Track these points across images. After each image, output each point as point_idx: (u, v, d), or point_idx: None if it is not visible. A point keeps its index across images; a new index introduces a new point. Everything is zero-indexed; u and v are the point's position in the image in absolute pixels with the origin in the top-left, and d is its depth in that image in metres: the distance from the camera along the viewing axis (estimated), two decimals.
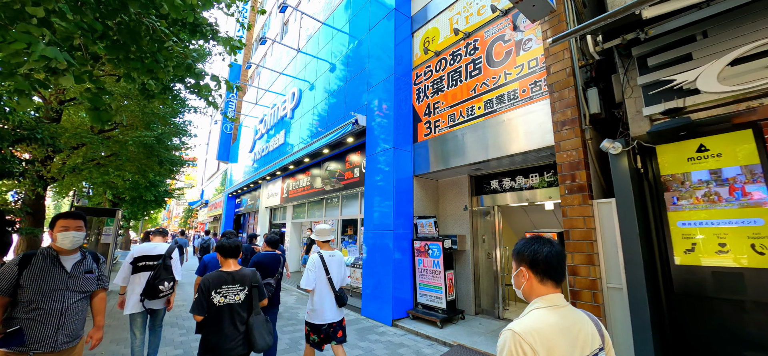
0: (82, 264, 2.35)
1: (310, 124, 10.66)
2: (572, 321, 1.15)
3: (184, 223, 41.61)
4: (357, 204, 9.06)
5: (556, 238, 3.86)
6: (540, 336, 1.06)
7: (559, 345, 1.07)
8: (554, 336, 1.08)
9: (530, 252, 1.23)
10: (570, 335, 1.11)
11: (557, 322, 1.12)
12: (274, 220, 15.02)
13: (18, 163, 4.14)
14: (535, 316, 1.14)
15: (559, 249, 1.23)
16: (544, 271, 1.19)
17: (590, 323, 1.21)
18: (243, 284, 2.55)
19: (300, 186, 11.75)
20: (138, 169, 6.80)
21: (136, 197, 12.76)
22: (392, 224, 6.07)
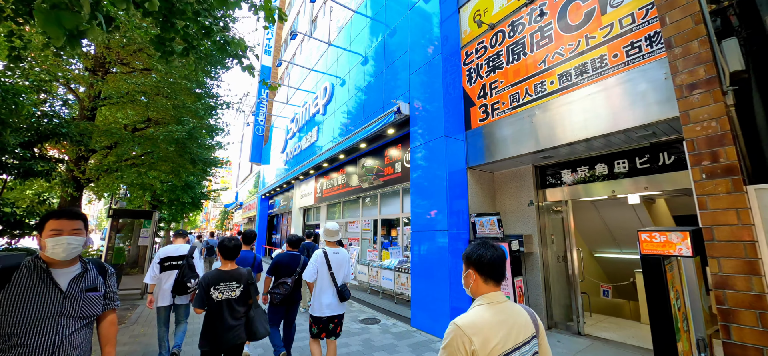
0: (83, 280, 1.74)
1: (343, 120, 10.08)
2: (507, 315, 1.35)
3: (220, 225, 42.94)
4: (398, 201, 8.34)
5: (688, 237, 2.90)
6: (477, 329, 1.26)
7: (494, 335, 1.27)
8: (489, 329, 1.28)
9: (477, 256, 1.42)
10: (505, 326, 1.31)
11: (493, 317, 1.31)
12: (308, 221, 14.65)
13: (41, 161, 3.78)
14: (476, 312, 1.35)
15: (500, 254, 1.42)
16: (488, 273, 1.39)
17: (525, 315, 1.41)
18: (239, 281, 2.84)
19: (334, 185, 11.21)
20: (172, 168, 6.47)
21: (173, 199, 12.80)
22: (446, 223, 5.28)
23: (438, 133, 5.71)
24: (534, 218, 5.49)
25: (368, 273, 8.18)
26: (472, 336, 1.23)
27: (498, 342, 1.24)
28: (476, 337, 1.23)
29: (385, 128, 7.33)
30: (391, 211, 8.68)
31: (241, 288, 2.82)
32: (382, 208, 9.05)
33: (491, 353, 1.23)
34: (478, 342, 1.22)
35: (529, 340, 1.34)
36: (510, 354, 1.27)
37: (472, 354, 1.22)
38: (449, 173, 5.48)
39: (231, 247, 2.87)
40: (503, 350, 1.25)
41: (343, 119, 10.03)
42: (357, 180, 9.65)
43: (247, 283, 2.87)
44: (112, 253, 7.72)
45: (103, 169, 5.55)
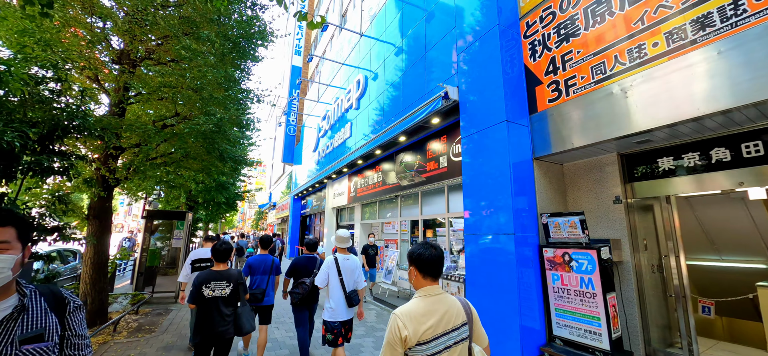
0: (19, 323, 1.09)
1: (378, 113, 9.36)
2: (440, 305, 1.54)
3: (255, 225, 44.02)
4: (442, 200, 7.49)
5: None
6: (410, 318, 1.47)
7: (425, 321, 1.47)
8: (421, 317, 1.48)
9: (417, 255, 1.63)
10: (436, 314, 1.51)
11: (427, 306, 1.52)
12: (341, 221, 14.13)
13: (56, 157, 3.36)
14: (412, 302, 1.57)
15: (438, 254, 1.63)
16: (426, 270, 1.61)
17: (458, 305, 1.61)
18: (229, 281, 3.07)
19: (369, 184, 10.54)
20: (201, 167, 6.06)
21: (208, 200, 12.74)
22: (511, 225, 4.37)
23: (497, 118, 4.81)
24: (622, 218, 4.44)
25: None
26: (406, 322, 1.46)
27: (429, 328, 1.47)
28: (409, 324, 1.45)
29: (429, 117, 6.51)
30: (435, 211, 7.84)
31: (231, 287, 3.08)
32: (424, 207, 8.24)
33: (422, 337, 1.45)
34: (411, 328, 1.45)
35: (459, 326, 1.55)
36: (440, 338, 1.48)
37: (404, 339, 1.44)
38: (514, 165, 4.57)
39: (222, 250, 3.15)
40: (434, 334, 1.47)
41: (378, 113, 9.32)
42: (395, 178, 8.90)
43: (237, 283, 3.13)
44: (146, 256, 7.51)
45: (131, 168, 5.19)
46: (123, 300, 6.58)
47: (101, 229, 5.41)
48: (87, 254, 5.32)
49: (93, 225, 5.35)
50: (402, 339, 1.42)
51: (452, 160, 6.65)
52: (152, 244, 7.86)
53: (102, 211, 5.42)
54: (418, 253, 1.63)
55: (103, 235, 5.43)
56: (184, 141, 4.93)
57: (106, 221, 5.46)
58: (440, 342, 1.46)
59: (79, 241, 3.48)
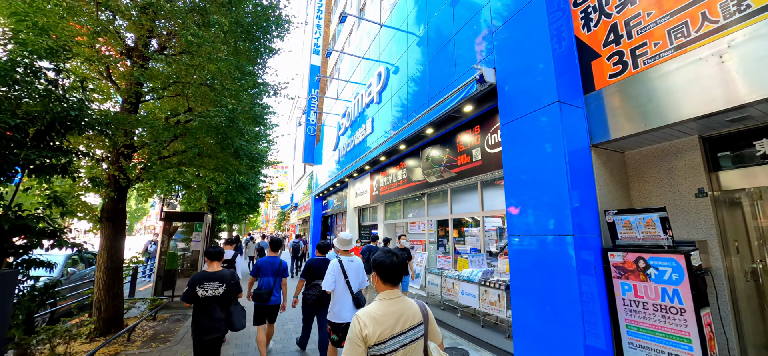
0: None
1: (402, 106, 8.77)
2: (398, 307, 1.68)
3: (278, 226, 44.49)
4: (475, 197, 6.82)
5: None
6: (370, 319, 1.60)
7: (384, 322, 1.61)
8: (380, 317, 1.62)
9: (379, 263, 1.77)
10: (394, 316, 1.65)
11: (386, 308, 1.66)
12: (364, 222, 13.64)
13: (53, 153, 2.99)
14: (373, 305, 1.69)
15: (398, 262, 1.78)
16: (386, 276, 1.75)
17: (415, 307, 1.75)
18: (222, 281, 3.28)
19: (393, 182, 9.97)
20: (216, 165, 5.69)
21: (229, 201, 12.58)
22: (570, 225, 3.68)
23: (546, 99, 4.12)
24: (708, 215, 3.64)
25: (441, 286, 6.75)
26: (367, 322, 1.59)
27: (386, 328, 1.60)
28: (369, 324, 1.58)
29: (460, 105, 5.86)
30: (466, 209, 7.17)
31: (224, 287, 3.24)
32: (454, 206, 7.58)
33: (380, 336, 1.58)
34: (370, 328, 1.57)
35: (415, 326, 1.69)
36: (397, 336, 1.61)
37: (365, 337, 1.56)
38: (568, 154, 3.86)
39: (213, 252, 3.36)
40: (391, 334, 1.60)
41: (401, 106, 8.73)
42: (421, 174, 8.28)
43: (229, 283, 3.29)
44: (165, 259, 7.27)
45: (141, 168, 4.86)
46: (141, 305, 6.34)
47: (115, 232, 5.12)
48: (100, 258, 5.05)
49: (106, 227, 5.08)
50: (363, 338, 1.56)
51: (487, 152, 5.96)
52: (173, 247, 7.64)
53: (115, 213, 5.13)
54: (380, 261, 1.78)
55: (116, 238, 5.14)
56: (195, 137, 4.54)
57: (119, 223, 5.17)
58: (397, 341, 1.61)
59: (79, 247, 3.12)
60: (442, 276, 6.81)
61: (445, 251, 7.94)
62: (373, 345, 1.56)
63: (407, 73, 8.54)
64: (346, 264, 3.69)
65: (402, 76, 8.87)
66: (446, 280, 6.62)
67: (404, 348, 1.61)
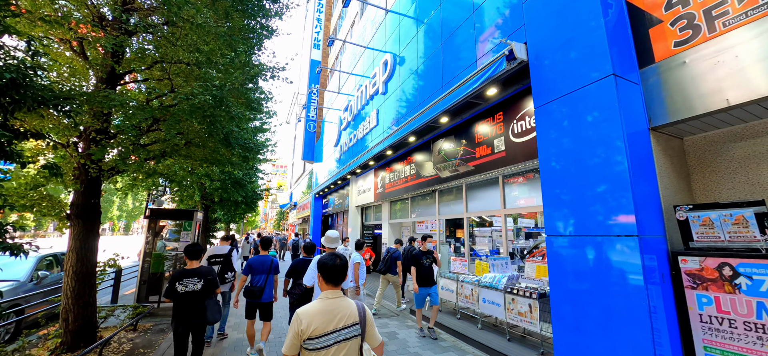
0: None
1: (410, 96, 8.09)
2: (335, 306, 1.80)
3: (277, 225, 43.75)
4: (496, 193, 6.14)
5: None
6: (306, 315, 1.73)
7: (319, 319, 1.73)
8: (315, 315, 1.74)
9: (322, 264, 1.89)
10: (328, 315, 1.76)
11: (323, 307, 1.78)
12: (367, 221, 12.94)
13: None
14: (313, 303, 1.81)
15: (339, 265, 1.88)
16: (328, 277, 1.87)
17: (353, 308, 1.85)
18: (200, 277, 3.50)
19: (400, 178, 9.28)
20: (205, 155, 4.99)
21: (225, 199, 11.86)
22: (634, 223, 2.99)
23: (597, 73, 3.43)
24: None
25: (457, 292, 6.07)
26: (303, 318, 1.72)
27: (321, 325, 1.72)
28: (305, 320, 1.72)
29: (482, 88, 5.18)
30: (484, 206, 6.48)
31: (203, 283, 3.50)
32: (470, 203, 6.89)
33: (315, 331, 1.70)
34: (305, 323, 1.70)
35: (349, 325, 1.78)
36: (330, 334, 1.72)
37: (301, 332, 1.70)
38: (628, 137, 3.18)
39: (192, 250, 3.60)
40: (325, 330, 1.72)
41: (410, 96, 8.04)
42: (432, 169, 7.60)
43: (207, 279, 3.55)
44: (149, 261, 6.56)
45: (120, 157, 4.14)
46: (121, 313, 5.64)
47: (86, 231, 4.42)
48: (68, 261, 4.35)
49: (76, 226, 4.37)
50: (299, 333, 1.70)
51: (512, 142, 5.28)
52: (160, 248, 6.93)
53: (86, 209, 4.43)
54: (323, 263, 1.90)
55: (88, 238, 4.44)
56: (177, 120, 3.83)
57: (91, 221, 4.47)
58: (330, 338, 1.72)
59: (16, 249, 2.43)
60: (458, 282, 6.13)
61: (460, 253, 7.26)
62: (308, 339, 1.69)
63: (417, 58, 7.85)
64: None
65: (411, 63, 8.18)
66: (464, 286, 5.93)
67: (337, 344, 1.73)
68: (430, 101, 6.91)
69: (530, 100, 5.05)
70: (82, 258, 4.42)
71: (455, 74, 6.20)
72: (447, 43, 6.60)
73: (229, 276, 5.09)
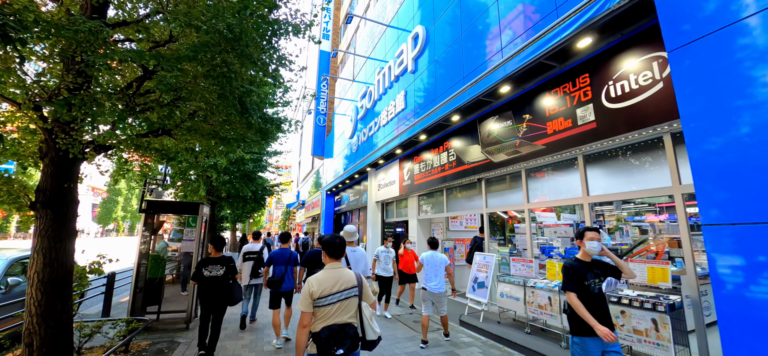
0: None
1: (448, 71, 6.93)
2: (337, 274, 2.33)
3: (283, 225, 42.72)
4: (573, 178, 4.95)
5: None
6: (317, 280, 2.27)
7: (325, 283, 2.26)
8: (323, 280, 2.27)
9: (325, 242, 2.42)
10: (333, 280, 2.29)
11: (328, 275, 2.31)
12: (388, 218, 11.77)
13: None
14: (320, 273, 2.34)
15: (340, 242, 2.43)
16: (330, 252, 2.40)
17: (351, 276, 2.39)
18: (222, 264, 4.12)
19: (433, 167, 8.10)
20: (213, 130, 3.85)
21: (233, 194, 10.75)
22: None
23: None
24: None
25: (525, 300, 4.88)
26: (313, 284, 2.24)
27: (325, 288, 2.23)
28: (315, 285, 2.23)
29: (572, 39, 4.00)
30: (556, 194, 5.28)
31: (224, 269, 4.11)
32: (533, 191, 5.69)
33: (322, 293, 2.21)
34: (315, 287, 2.23)
35: (349, 288, 2.31)
36: (335, 294, 2.24)
37: (312, 294, 2.21)
38: None
39: (218, 240, 4.22)
40: (330, 291, 2.24)
41: (449, 68, 6.88)
42: (478, 154, 6.42)
43: (228, 265, 4.15)
44: (146, 264, 5.42)
45: (80, 114, 2.95)
46: (111, 329, 4.52)
47: (57, 226, 3.30)
48: (33, 266, 3.22)
49: (43, 218, 3.25)
50: (311, 294, 2.22)
51: (606, 109, 4.10)
52: (160, 249, 5.81)
53: (57, 196, 3.29)
54: (325, 240, 2.42)
55: (60, 235, 3.31)
56: (175, 65, 2.66)
57: (64, 213, 3.33)
58: (334, 297, 2.24)
59: None
60: (525, 287, 4.94)
61: (517, 252, 6.07)
62: (317, 299, 2.21)
63: (459, 25, 6.67)
64: (349, 253, 3.98)
65: (450, 31, 7.00)
66: (536, 293, 4.74)
67: (340, 302, 2.25)
68: (481, 71, 5.74)
69: (631, 54, 3.88)
70: (52, 261, 3.28)
71: (517, 34, 5.02)
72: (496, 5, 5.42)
73: (262, 271, 5.52)
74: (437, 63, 7.44)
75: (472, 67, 6.13)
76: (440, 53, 7.36)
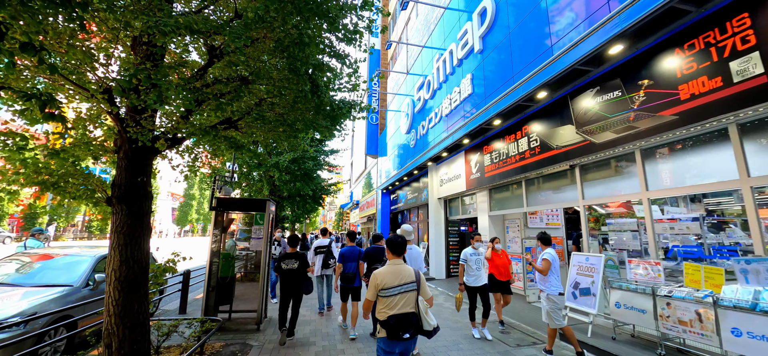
0: None
1: (528, 42, 5.98)
2: (398, 270, 2.62)
3: (337, 226, 43.62)
4: (724, 155, 3.80)
5: None
6: (381, 273, 2.60)
7: (388, 276, 2.57)
8: (387, 274, 2.59)
9: (390, 242, 2.73)
10: (394, 274, 2.59)
11: (390, 270, 2.62)
12: (452, 215, 10.96)
13: None
14: (384, 267, 2.67)
15: (400, 242, 2.72)
16: (393, 250, 2.70)
17: (411, 270, 2.66)
18: (296, 259, 4.70)
19: (510, 155, 7.16)
20: (283, 113, 3.48)
21: (294, 194, 10.76)
22: None
23: None
24: None
25: (658, 314, 3.83)
26: (378, 276, 2.59)
27: (388, 281, 2.56)
28: (379, 277, 2.58)
29: None
30: (694, 178, 4.12)
31: (298, 264, 4.68)
32: (652, 176, 4.56)
33: (386, 284, 2.55)
34: (380, 279, 2.57)
35: (409, 283, 2.59)
36: (396, 287, 2.55)
37: (377, 285, 2.56)
38: None
39: (293, 239, 4.93)
40: (392, 284, 2.55)
41: (526, 40, 5.93)
42: (572, 136, 5.41)
43: (301, 260, 4.72)
44: (218, 263, 5.32)
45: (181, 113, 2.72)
46: (186, 329, 4.43)
47: (132, 222, 3.15)
48: (110, 264, 3.11)
49: (119, 214, 3.12)
50: (376, 285, 2.56)
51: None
52: (229, 247, 5.74)
53: (132, 191, 3.14)
54: (390, 239, 2.74)
55: (135, 232, 3.15)
56: (241, 33, 2.25)
57: (139, 208, 3.18)
58: (396, 290, 2.54)
59: None
60: (655, 297, 3.89)
61: (609, 248, 4.95)
62: (382, 290, 2.54)
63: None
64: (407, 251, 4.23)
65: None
66: (673, 305, 3.68)
67: (401, 294, 2.54)
68: (576, 35, 4.76)
69: None
70: (128, 258, 3.13)
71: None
72: None
73: (331, 263, 6.11)
74: (512, 36, 6.52)
75: (561, 33, 5.16)
76: (515, 25, 6.44)
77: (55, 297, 4.08)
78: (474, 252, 4.98)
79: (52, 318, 3.86)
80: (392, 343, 2.49)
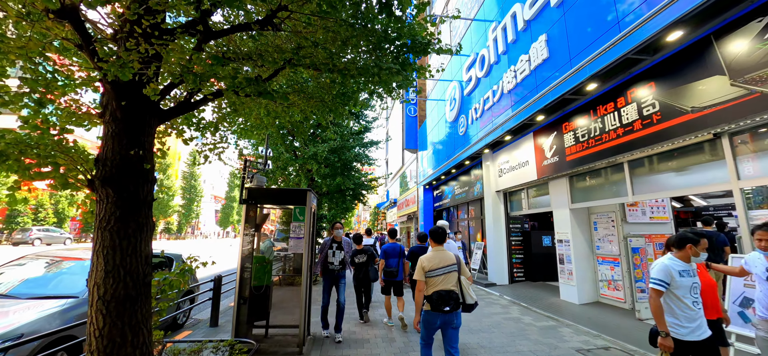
0: None
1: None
2: (441, 254, 3.10)
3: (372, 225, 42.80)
4: None
5: None
6: (427, 259, 3.10)
7: (432, 260, 3.07)
8: (431, 258, 3.10)
9: (432, 233, 3.25)
10: (437, 258, 3.08)
11: (434, 254, 3.12)
12: (513, 210, 9.41)
13: None
14: (429, 252, 3.20)
15: (440, 231, 3.23)
16: (434, 239, 3.23)
17: (452, 254, 3.14)
18: (364, 254, 5.41)
19: (604, 132, 5.60)
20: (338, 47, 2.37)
21: (333, 190, 9.77)
22: None
23: None
24: None
25: None
26: (424, 260, 3.08)
27: (433, 263, 3.04)
28: (425, 260, 3.07)
29: None
30: None
31: (366, 257, 5.40)
32: None
33: (430, 267, 3.03)
34: (426, 262, 3.06)
35: (449, 265, 3.06)
36: (439, 269, 3.02)
37: (424, 267, 3.05)
38: None
39: (358, 237, 5.60)
40: (436, 266, 3.03)
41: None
42: (718, 90, 3.82)
43: (369, 254, 5.43)
44: (250, 269, 4.33)
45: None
46: (211, 354, 3.48)
47: (122, 213, 2.17)
48: (92, 276, 2.15)
49: (103, 202, 2.16)
50: (423, 268, 3.05)
51: None
52: (265, 249, 4.77)
53: (123, 170, 2.16)
54: (432, 231, 3.26)
55: (126, 228, 2.17)
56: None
57: (132, 193, 2.20)
58: (439, 271, 3.02)
59: None
60: None
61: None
62: (428, 271, 3.03)
63: None
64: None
65: None
66: None
67: (444, 275, 3.01)
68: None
69: None
70: (117, 267, 2.13)
71: None
72: None
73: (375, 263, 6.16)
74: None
75: None
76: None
77: (54, 313, 3.24)
78: (683, 265, 2.51)
79: (49, 340, 3.01)
80: (435, 315, 2.99)
